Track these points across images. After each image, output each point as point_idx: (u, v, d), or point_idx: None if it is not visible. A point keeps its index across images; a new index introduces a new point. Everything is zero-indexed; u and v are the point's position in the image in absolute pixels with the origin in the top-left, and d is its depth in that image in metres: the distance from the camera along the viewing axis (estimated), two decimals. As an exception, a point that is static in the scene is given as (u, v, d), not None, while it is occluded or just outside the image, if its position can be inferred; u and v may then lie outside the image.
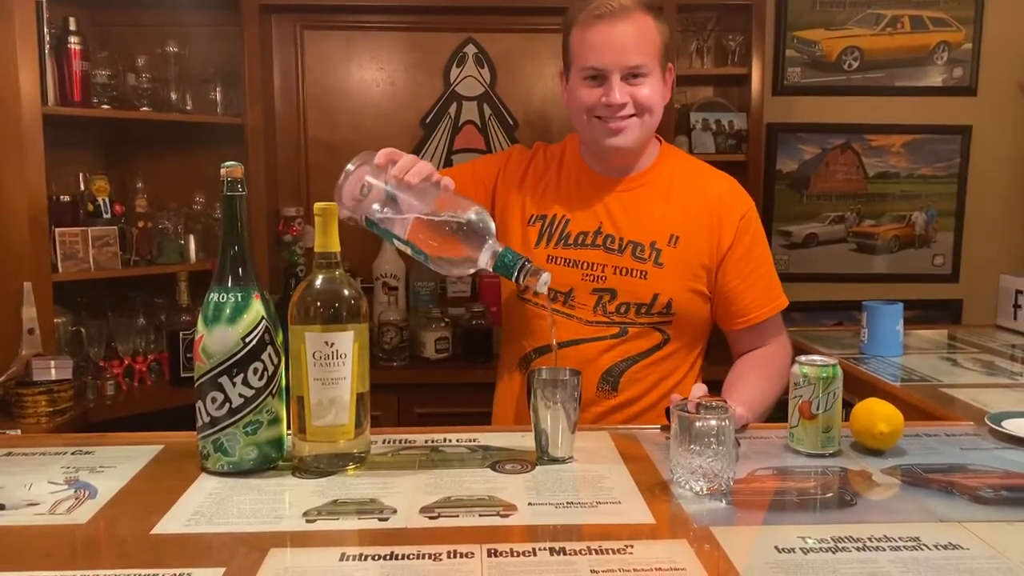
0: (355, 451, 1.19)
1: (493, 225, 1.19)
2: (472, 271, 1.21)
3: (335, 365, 1.15)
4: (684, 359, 1.60)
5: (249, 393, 1.15)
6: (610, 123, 1.49)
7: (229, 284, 1.17)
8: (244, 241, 1.18)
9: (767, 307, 1.58)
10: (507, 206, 1.62)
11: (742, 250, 1.56)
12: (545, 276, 1.18)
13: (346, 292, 1.18)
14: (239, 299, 1.16)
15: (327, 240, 1.18)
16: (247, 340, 1.15)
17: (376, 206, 1.21)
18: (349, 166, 1.25)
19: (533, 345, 1.58)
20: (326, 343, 1.15)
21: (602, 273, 1.52)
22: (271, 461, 1.19)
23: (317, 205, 1.18)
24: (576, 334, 1.54)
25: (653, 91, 1.49)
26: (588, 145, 1.59)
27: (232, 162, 1.17)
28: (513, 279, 1.18)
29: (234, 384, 1.14)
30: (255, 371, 1.15)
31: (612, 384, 1.55)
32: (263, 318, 1.16)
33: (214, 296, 1.17)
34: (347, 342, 1.15)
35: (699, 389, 1.36)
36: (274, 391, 1.17)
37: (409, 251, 1.20)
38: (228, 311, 1.15)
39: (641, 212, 1.55)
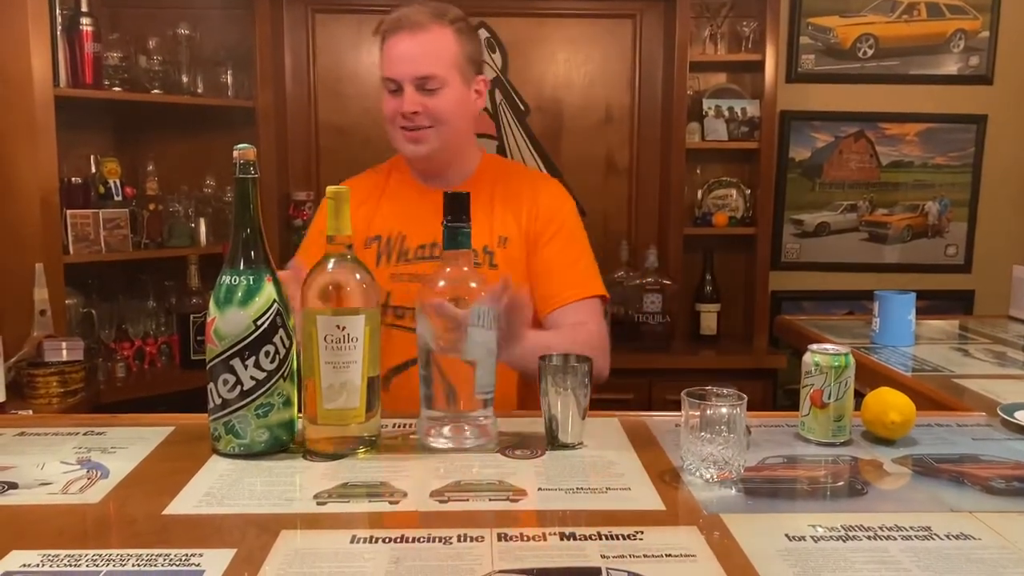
0: (366, 434, 1.20)
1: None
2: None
3: (346, 349, 1.15)
4: None
5: (261, 376, 1.15)
6: (407, 132, 1.56)
7: (241, 267, 1.17)
8: (256, 223, 1.18)
9: (576, 292, 1.58)
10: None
11: (553, 241, 1.59)
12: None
13: (358, 276, 1.18)
14: (251, 282, 1.16)
15: (339, 224, 1.18)
16: (259, 323, 1.15)
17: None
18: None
19: (390, 364, 1.56)
20: (337, 327, 1.15)
21: None
22: (282, 444, 1.19)
23: (329, 189, 1.17)
24: None
25: (447, 102, 1.55)
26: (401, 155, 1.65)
27: (245, 144, 1.17)
28: None
29: (246, 367, 1.14)
30: (267, 354, 1.15)
31: None
32: (275, 301, 1.16)
33: (226, 279, 1.16)
34: (358, 326, 1.15)
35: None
36: (285, 374, 1.17)
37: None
38: (240, 294, 1.15)
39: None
